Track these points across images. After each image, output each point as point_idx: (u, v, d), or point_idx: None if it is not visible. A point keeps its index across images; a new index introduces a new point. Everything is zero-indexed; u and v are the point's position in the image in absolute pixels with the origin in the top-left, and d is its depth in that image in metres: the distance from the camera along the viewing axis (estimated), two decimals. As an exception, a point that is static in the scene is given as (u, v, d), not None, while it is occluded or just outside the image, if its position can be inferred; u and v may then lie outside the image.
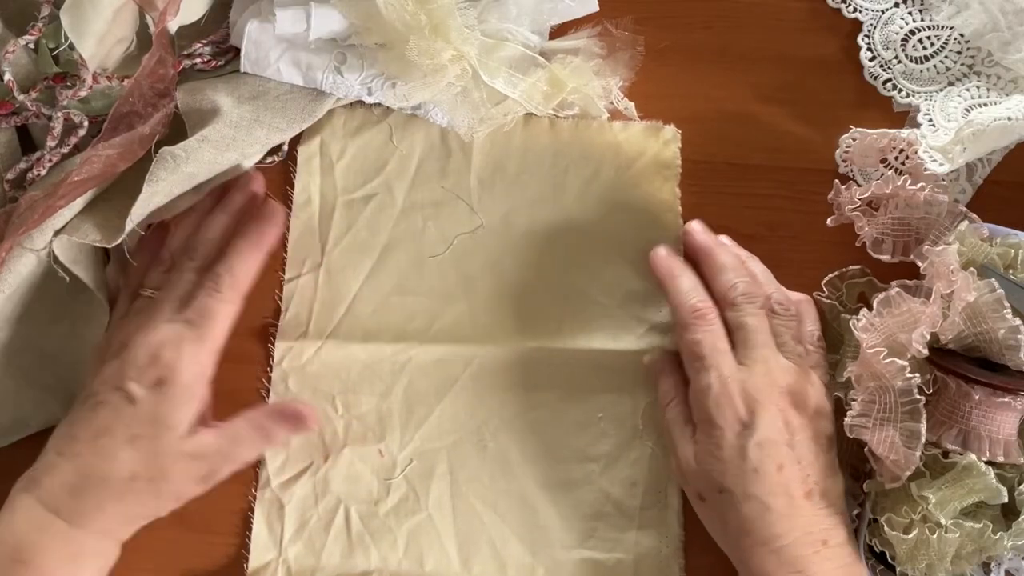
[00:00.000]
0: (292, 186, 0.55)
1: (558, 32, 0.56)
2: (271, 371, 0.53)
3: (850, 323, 0.48)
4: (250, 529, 0.52)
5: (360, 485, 0.52)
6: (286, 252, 0.55)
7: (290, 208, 0.55)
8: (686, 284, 0.50)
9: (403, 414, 0.53)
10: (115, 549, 0.48)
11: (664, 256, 0.51)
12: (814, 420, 0.47)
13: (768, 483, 0.45)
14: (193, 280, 0.50)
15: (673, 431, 0.49)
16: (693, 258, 0.52)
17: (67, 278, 0.51)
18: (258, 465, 0.52)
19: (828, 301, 0.52)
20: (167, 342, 0.48)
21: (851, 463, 0.51)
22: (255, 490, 0.52)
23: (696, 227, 0.52)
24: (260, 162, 0.55)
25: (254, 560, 0.52)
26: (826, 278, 0.53)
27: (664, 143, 0.55)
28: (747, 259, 0.52)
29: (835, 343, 0.52)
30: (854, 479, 0.51)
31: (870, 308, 0.48)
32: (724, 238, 0.53)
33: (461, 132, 0.54)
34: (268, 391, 0.53)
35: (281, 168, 0.56)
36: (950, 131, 0.52)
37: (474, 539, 0.52)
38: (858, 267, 0.53)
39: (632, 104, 0.55)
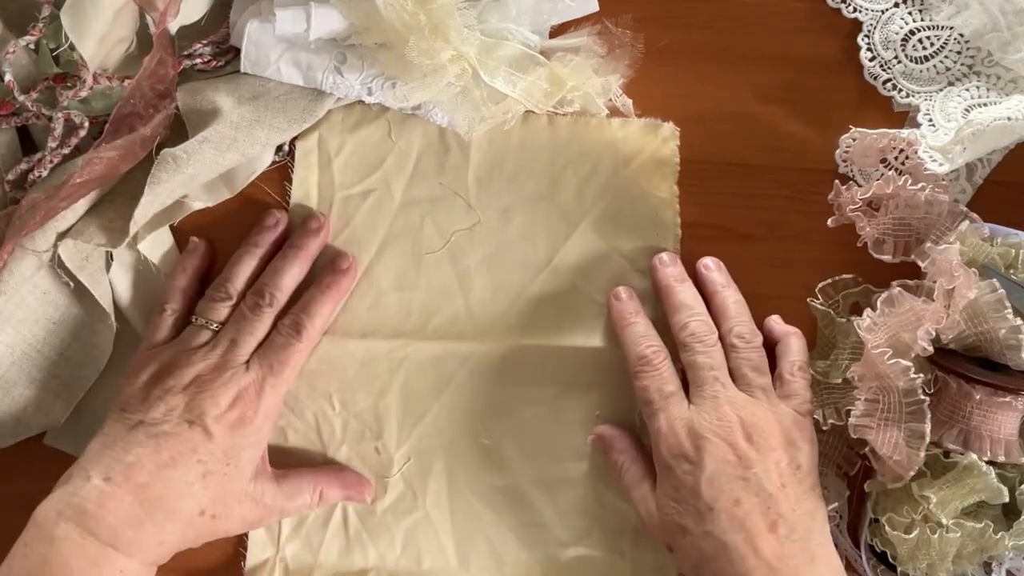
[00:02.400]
0: (290, 181, 0.55)
1: (558, 31, 0.56)
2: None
3: (854, 324, 0.48)
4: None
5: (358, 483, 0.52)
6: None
7: (287, 203, 0.55)
8: (637, 331, 0.50)
9: (400, 411, 0.53)
10: (154, 568, 0.48)
11: (618, 303, 0.52)
12: (779, 451, 0.46)
13: (724, 520, 0.45)
14: (269, 325, 0.50)
15: (632, 493, 0.49)
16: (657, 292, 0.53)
17: (70, 283, 0.51)
18: None
19: (822, 308, 0.52)
20: (250, 386, 0.48)
21: (837, 462, 0.51)
22: None
23: (662, 260, 0.52)
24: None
25: (251, 558, 0.52)
26: (820, 285, 0.53)
27: (662, 140, 0.55)
28: (721, 289, 0.52)
29: (827, 349, 0.52)
30: (840, 478, 0.51)
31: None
32: (708, 260, 0.52)
33: (461, 132, 0.54)
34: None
35: (280, 180, 0.56)
36: (950, 131, 0.52)
37: (471, 536, 0.52)
38: (851, 276, 0.53)
39: (630, 101, 0.55)
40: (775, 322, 0.52)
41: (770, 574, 0.44)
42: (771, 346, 0.51)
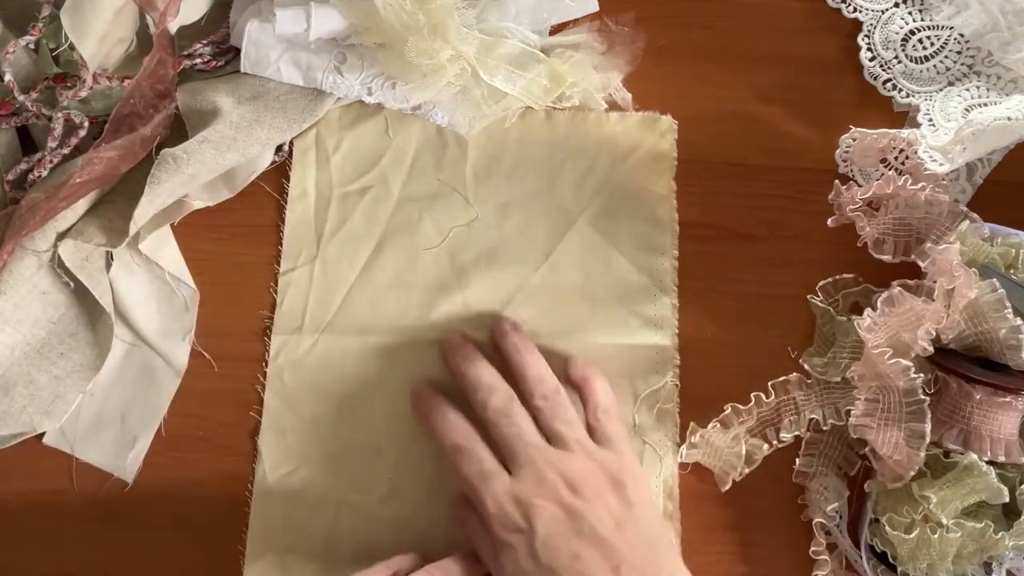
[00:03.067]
0: (287, 179, 0.55)
1: (557, 29, 0.56)
2: (267, 366, 0.53)
3: (855, 323, 0.48)
4: (246, 526, 0.51)
5: (357, 481, 0.52)
6: (281, 245, 0.55)
7: (285, 201, 0.55)
8: (440, 424, 0.49)
9: (401, 409, 0.53)
10: None
11: (419, 395, 0.51)
12: (607, 495, 0.46)
13: None
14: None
15: (491, 567, 0.47)
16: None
17: (70, 283, 0.51)
18: (255, 460, 0.52)
19: (822, 305, 0.52)
20: None
21: (837, 462, 0.51)
22: (251, 485, 0.52)
23: (452, 344, 0.52)
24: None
25: (250, 557, 0.52)
26: (820, 283, 0.53)
27: (660, 135, 0.55)
28: (515, 354, 0.51)
29: (825, 346, 0.52)
30: (839, 478, 0.51)
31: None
32: (504, 325, 0.52)
33: (462, 131, 0.54)
34: (264, 387, 0.53)
35: (280, 180, 0.56)
36: (950, 131, 0.52)
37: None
38: (851, 275, 0.53)
39: (630, 96, 0.55)
40: (571, 370, 0.51)
41: None
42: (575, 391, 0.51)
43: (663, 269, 0.54)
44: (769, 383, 0.52)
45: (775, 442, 0.51)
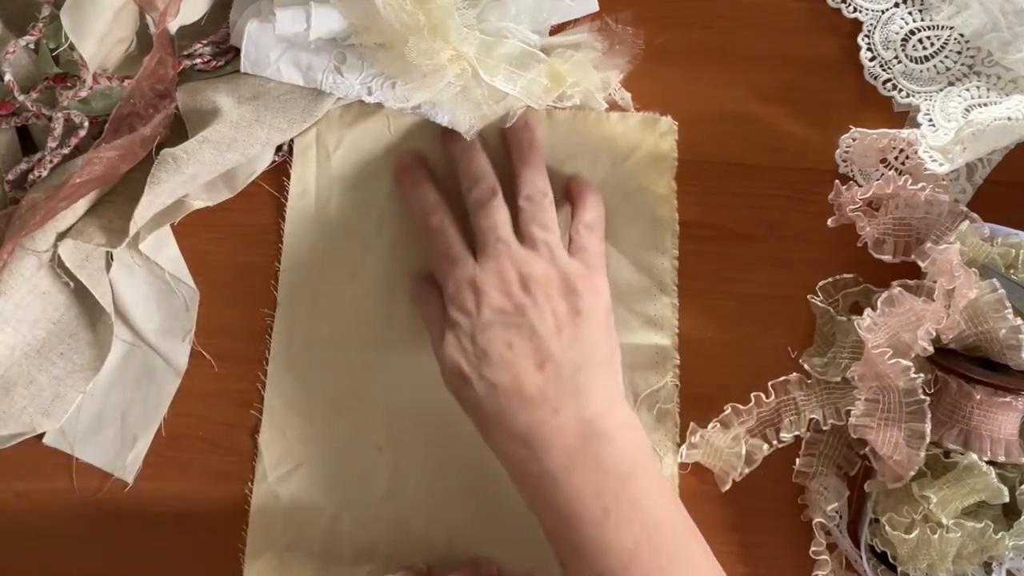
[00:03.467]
0: (288, 176, 0.55)
1: (557, 29, 0.56)
2: (267, 366, 0.53)
3: (855, 323, 0.48)
4: (246, 525, 0.51)
5: (357, 480, 0.52)
6: (281, 244, 0.55)
7: (286, 199, 0.55)
8: (423, 200, 0.52)
9: (400, 407, 0.53)
10: None
11: (403, 167, 0.54)
12: (557, 300, 0.48)
13: (495, 362, 0.47)
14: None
15: (435, 347, 0.50)
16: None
17: (70, 284, 0.51)
18: (255, 459, 0.52)
19: (822, 305, 0.52)
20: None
21: (837, 462, 0.51)
22: (251, 484, 0.52)
23: (454, 133, 0.53)
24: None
25: (250, 556, 0.51)
26: (820, 283, 0.53)
27: (660, 135, 0.55)
28: (518, 150, 0.53)
29: (825, 346, 0.52)
30: (839, 478, 0.51)
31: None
32: (518, 120, 0.53)
33: (462, 131, 0.54)
34: (264, 385, 0.53)
35: (280, 180, 0.56)
36: (950, 131, 0.52)
37: (473, 535, 0.52)
38: (851, 275, 0.53)
39: (629, 95, 0.55)
40: (570, 183, 0.53)
41: (529, 406, 0.46)
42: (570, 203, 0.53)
43: (663, 269, 0.54)
44: (769, 383, 0.52)
45: (775, 442, 0.51)
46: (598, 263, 0.51)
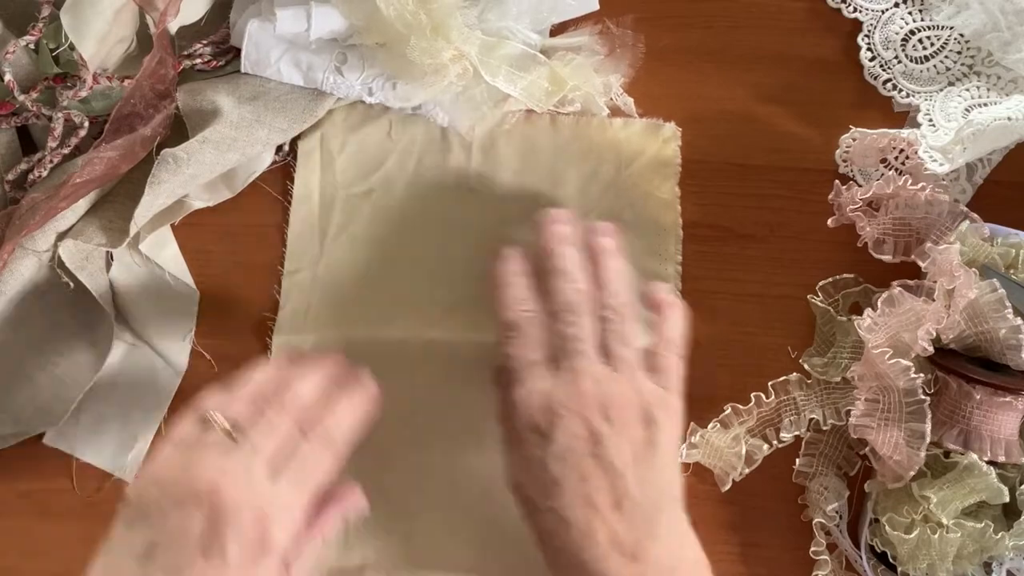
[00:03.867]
0: (292, 180, 0.55)
1: (558, 30, 0.56)
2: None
3: (855, 323, 0.48)
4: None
5: (359, 478, 0.52)
6: (284, 247, 0.55)
7: (287, 201, 0.55)
8: (510, 295, 0.48)
9: (403, 408, 0.53)
10: None
11: (501, 262, 0.49)
12: (635, 428, 0.45)
13: (568, 495, 0.43)
14: (293, 435, 0.44)
15: (504, 448, 0.47)
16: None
17: (70, 284, 0.51)
18: None
19: (822, 305, 0.52)
20: (273, 505, 0.42)
21: (837, 462, 0.51)
22: None
23: (551, 216, 0.50)
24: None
25: None
26: (820, 283, 0.53)
27: (664, 141, 0.55)
28: (602, 256, 0.49)
29: (825, 346, 0.52)
30: (840, 478, 0.51)
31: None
32: (599, 225, 0.50)
33: (463, 131, 0.54)
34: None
35: (280, 180, 0.56)
36: (950, 131, 0.52)
37: (473, 535, 0.52)
38: (851, 276, 0.53)
39: (631, 100, 0.55)
40: (652, 292, 0.49)
41: (606, 551, 0.42)
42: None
43: (667, 275, 0.54)
44: (769, 383, 0.52)
45: (775, 442, 0.51)
46: (676, 385, 0.47)
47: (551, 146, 0.55)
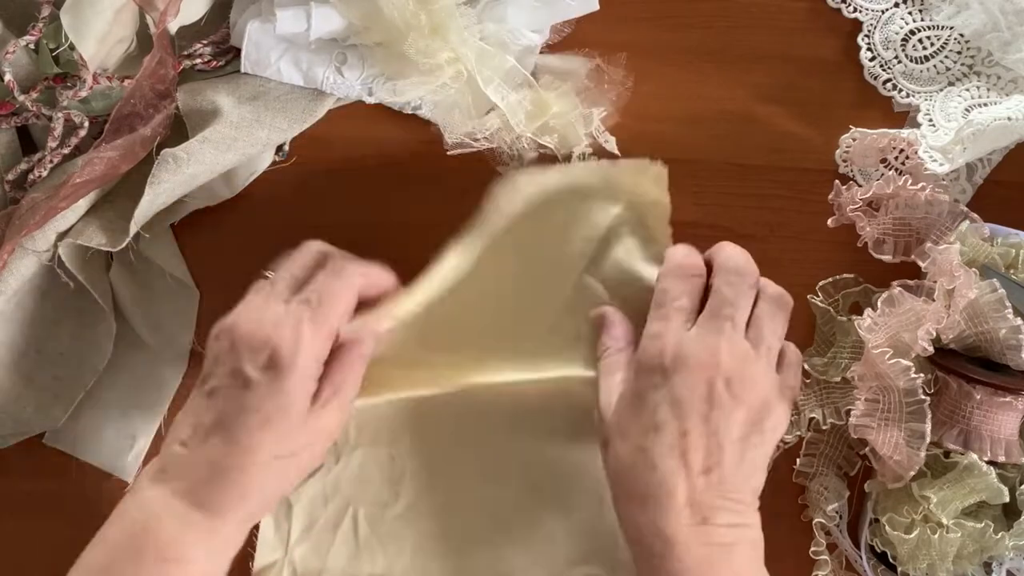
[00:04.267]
0: (292, 182, 0.55)
1: (558, 37, 0.55)
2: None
3: (855, 323, 0.48)
4: (257, 527, 0.51)
5: (370, 488, 0.52)
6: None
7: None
8: (682, 248, 0.48)
9: (414, 419, 0.52)
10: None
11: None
12: (749, 410, 0.44)
13: (666, 442, 0.43)
14: (315, 260, 0.48)
15: (602, 378, 0.47)
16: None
17: (70, 284, 0.51)
18: None
19: (822, 305, 0.52)
20: (282, 323, 0.45)
21: (837, 462, 0.51)
22: None
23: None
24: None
25: (260, 559, 0.51)
26: (820, 283, 0.53)
27: (653, 181, 0.52)
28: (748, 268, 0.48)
29: (825, 347, 0.52)
30: (840, 478, 0.51)
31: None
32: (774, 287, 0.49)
33: (445, 134, 0.53)
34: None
35: (280, 180, 0.56)
36: (950, 131, 0.52)
37: (480, 548, 0.51)
38: (852, 276, 0.53)
39: (613, 139, 0.54)
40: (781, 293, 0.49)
41: (682, 507, 0.43)
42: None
43: None
44: (769, 383, 0.52)
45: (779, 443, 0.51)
46: (793, 397, 0.47)
47: (538, 192, 0.52)
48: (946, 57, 0.55)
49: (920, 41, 0.55)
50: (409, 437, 0.52)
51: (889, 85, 0.55)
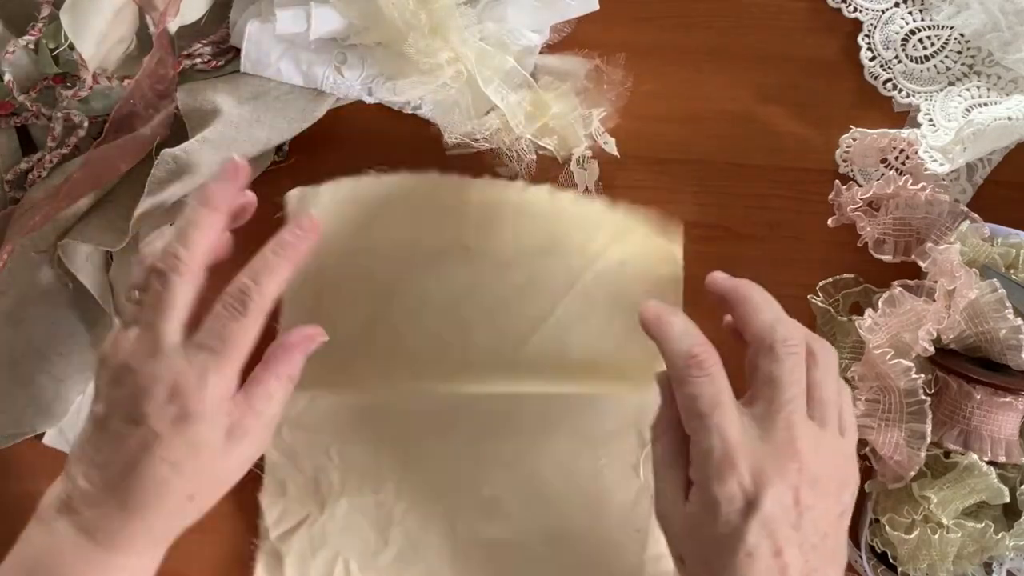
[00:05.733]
0: (291, 184, 0.54)
1: (558, 37, 0.55)
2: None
3: (855, 324, 0.48)
4: (247, 522, 0.51)
5: (358, 536, 0.52)
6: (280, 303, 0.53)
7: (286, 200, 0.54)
8: (678, 328, 0.42)
9: (399, 462, 0.52)
10: (159, 557, 0.45)
11: (652, 304, 0.43)
12: (834, 498, 0.41)
13: (760, 568, 0.39)
14: (209, 304, 0.44)
15: (657, 472, 0.43)
16: (722, 306, 0.45)
17: (70, 284, 0.51)
18: (258, 515, 0.52)
19: (822, 305, 0.52)
20: (188, 374, 0.42)
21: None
22: (256, 540, 0.52)
23: (720, 274, 0.45)
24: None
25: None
26: (820, 283, 0.53)
27: (670, 238, 0.53)
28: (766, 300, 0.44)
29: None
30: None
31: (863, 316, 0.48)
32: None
33: (444, 134, 0.53)
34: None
35: (280, 180, 0.56)
36: (950, 131, 0.52)
37: None
38: (851, 276, 0.53)
39: (613, 140, 0.54)
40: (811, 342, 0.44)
41: None
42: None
43: None
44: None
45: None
46: (854, 450, 0.43)
47: (549, 212, 0.53)
48: (946, 57, 0.55)
49: (920, 41, 0.55)
50: (394, 482, 0.52)
51: (889, 85, 0.55)
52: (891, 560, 0.49)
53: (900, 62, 0.55)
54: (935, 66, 0.55)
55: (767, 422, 0.40)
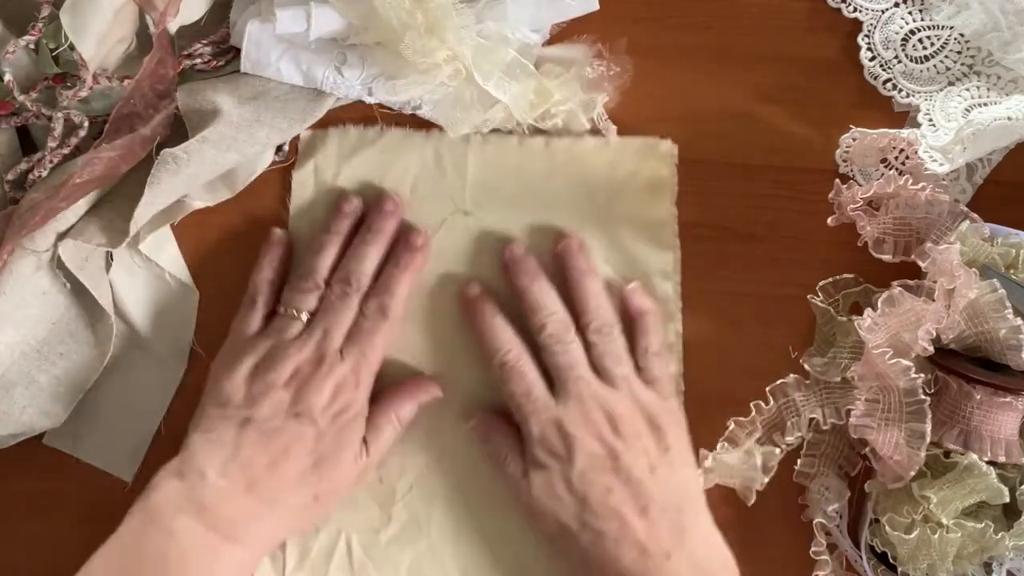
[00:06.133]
0: (288, 209, 0.55)
1: (555, 40, 0.55)
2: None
3: (855, 323, 0.48)
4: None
5: (360, 513, 0.52)
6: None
7: (288, 209, 0.55)
8: (493, 341, 0.51)
9: (401, 439, 0.52)
10: (269, 553, 0.51)
11: (471, 300, 0.52)
12: (645, 438, 0.48)
13: (598, 510, 0.46)
14: (356, 310, 0.51)
15: (516, 484, 0.49)
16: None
17: (68, 284, 0.51)
18: None
19: (822, 305, 0.52)
20: (348, 375, 0.49)
21: (838, 463, 0.51)
22: None
23: (513, 257, 0.52)
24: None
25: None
26: (820, 283, 0.53)
27: (660, 159, 0.54)
28: (580, 277, 0.52)
29: (826, 347, 0.52)
30: (840, 479, 0.51)
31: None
32: (570, 242, 0.52)
33: (448, 130, 0.54)
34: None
35: (280, 180, 0.56)
36: (950, 131, 0.52)
37: (477, 567, 0.51)
38: (851, 276, 0.53)
39: (614, 127, 0.54)
40: (631, 297, 0.52)
41: (641, 555, 0.45)
42: (628, 322, 0.52)
43: (667, 296, 0.53)
44: (767, 388, 0.52)
45: (783, 446, 0.51)
46: (671, 391, 0.51)
47: (545, 170, 0.54)
48: (946, 57, 0.55)
49: (920, 41, 0.55)
50: (396, 456, 0.52)
51: (889, 85, 0.55)
52: (891, 560, 0.49)
53: (900, 62, 0.55)
54: (935, 66, 0.55)
55: (563, 397, 0.49)
